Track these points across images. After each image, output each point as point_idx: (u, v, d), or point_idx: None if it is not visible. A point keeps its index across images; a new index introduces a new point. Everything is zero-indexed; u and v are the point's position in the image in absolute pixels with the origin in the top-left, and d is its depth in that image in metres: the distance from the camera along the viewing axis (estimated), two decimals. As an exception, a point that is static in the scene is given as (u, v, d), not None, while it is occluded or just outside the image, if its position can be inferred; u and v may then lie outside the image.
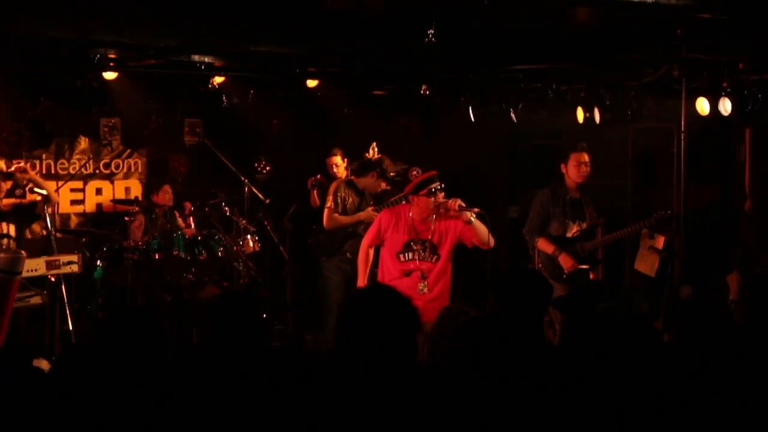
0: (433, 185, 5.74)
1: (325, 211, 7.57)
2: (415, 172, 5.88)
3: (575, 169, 6.90)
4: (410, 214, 5.83)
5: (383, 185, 7.42)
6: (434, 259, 5.77)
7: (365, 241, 6.13)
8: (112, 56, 6.86)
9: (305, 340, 8.06)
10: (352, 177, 7.64)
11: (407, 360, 2.98)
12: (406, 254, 5.78)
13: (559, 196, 6.96)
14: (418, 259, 5.74)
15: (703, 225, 7.75)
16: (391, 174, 7.38)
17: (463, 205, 5.71)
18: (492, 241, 5.76)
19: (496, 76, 7.93)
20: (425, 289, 5.72)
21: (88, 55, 6.68)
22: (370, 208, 7.36)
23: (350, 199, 7.50)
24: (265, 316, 3.47)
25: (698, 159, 7.34)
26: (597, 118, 7.71)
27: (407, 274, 5.72)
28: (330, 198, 7.58)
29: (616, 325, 3.03)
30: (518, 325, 3.00)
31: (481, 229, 5.69)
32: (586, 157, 6.93)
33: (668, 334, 3.99)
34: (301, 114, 9.71)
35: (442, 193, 5.75)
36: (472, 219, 5.68)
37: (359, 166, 7.63)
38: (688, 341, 3.18)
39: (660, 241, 7.43)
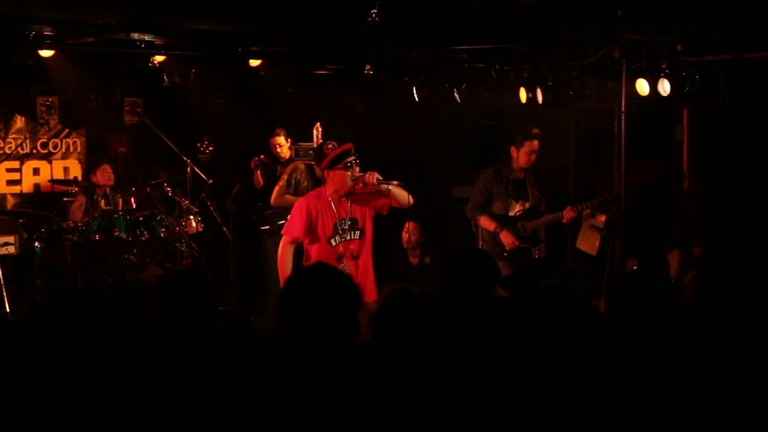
0: (349, 159, 5.47)
1: (276, 187, 7.61)
2: (330, 146, 5.61)
3: (526, 156, 6.95)
4: (327, 195, 5.57)
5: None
6: (358, 235, 5.60)
7: (289, 236, 5.58)
8: (49, 33, 6.69)
9: (249, 320, 8.02)
10: (313, 163, 7.69)
11: (350, 339, 2.98)
12: (335, 238, 5.53)
13: (503, 176, 7.02)
14: (347, 240, 5.57)
15: (643, 204, 7.89)
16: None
17: (380, 178, 5.50)
18: (411, 199, 5.53)
19: (440, 56, 7.94)
20: (357, 266, 5.58)
21: (23, 32, 6.51)
22: None
23: (305, 183, 7.56)
24: (211, 296, 3.44)
25: (638, 139, 7.46)
26: (540, 98, 7.78)
27: (339, 260, 5.49)
28: (285, 177, 7.64)
29: (560, 302, 3.07)
30: (464, 304, 3.03)
31: (400, 193, 5.50)
32: (537, 145, 6.97)
33: (607, 308, 4.05)
34: (244, 93, 9.62)
35: (358, 167, 5.49)
36: (391, 189, 5.49)
37: (318, 153, 7.66)
38: (626, 315, 3.23)
39: (601, 220, 7.54)
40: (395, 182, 5.56)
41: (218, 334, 3.41)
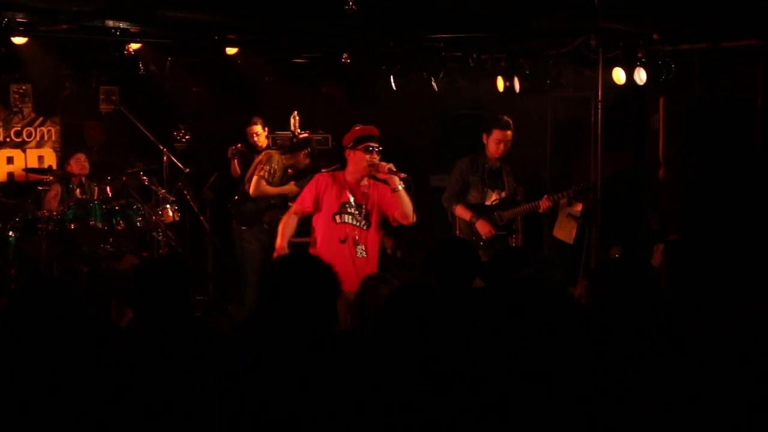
0: (371, 143, 5.60)
1: (255, 178, 7.61)
2: (357, 127, 5.79)
3: (495, 144, 6.92)
4: (345, 176, 5.70)
5: (307, 161, 7.73)
6: (366, 225, 5.66)
7: (297, 205, 5.79)
8: (22, 20, 6.61)
9: (227, 310, 8.01)
10: (280, 154, 7.77)
11: (328, 327, 2.98)
12: (342, 216, 5.61)
13: (479, 165, 7.02)
14: (353, 223, 5.64)
15: (617, 192, 7.93)
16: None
17: (394, 169, 5.61)
18: (414, 217, 5.69)
19: (418, 45, 7.93)
20: (364, 252, 5.63)
21: (-5, 18, 6.44)
22: (292, 183, 7.52)
23: (279, 173, 7.60)
24: (189, 283, 3.42)
25: (614, 127, 7.50)
26: (517, 87, 7.80)
27: (343, 241, 5.61)
28: (265, 167, 7.64)
29: (538, 291, 3.07)
30: (447, 294, 3.03)
31: (406, 201, 5.63)
32: (509, 135, 6.92)
33: (585, 297, 4.08)
34: (220, 82, 9.57)
35: (378, 155, 5.60)
36: (399, 188, 5.60)
37: (291, 145, 7.88)
38: (606, 302, 3.25)
39: (578, 209, 7.58)
40: (403, 174, 5.63)
41: (195, 322, 3.40)
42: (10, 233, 7.67)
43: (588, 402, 2.80)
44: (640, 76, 6.87)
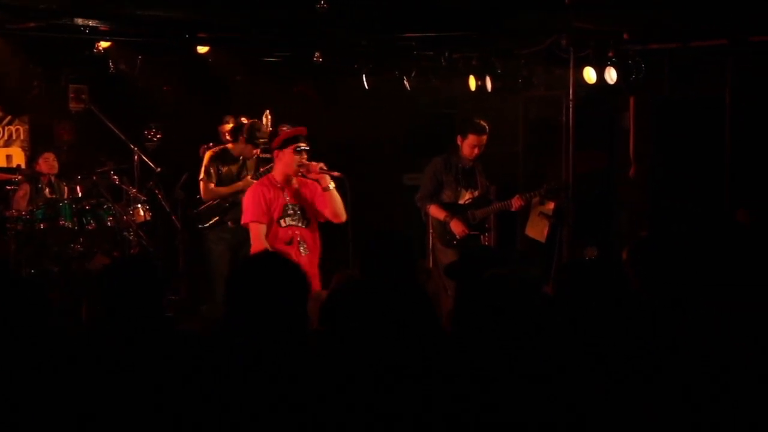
0: (300, 144, 5.55)
1: (201, 183, 7.36)
2: (285, 128, 5.74)
3: (469, 148, 6.93)
4: (276, 178, 5.65)
5: (256, 151, 7.24)
6: (305, 224, 5.66)
7: (254, 223, 5.56)
8: (-11, 18, 6.56)
9: (199, 309, 7.96)
10: (228, 145, 7.48)
11: (299, 327, 2.97)
12: (285, 219, 5.60)
13: (452, 165, 7.04)
14: (295, 224, 5.62)
15: (589, 191, 7.98)
16: (261, 140, 7.14)
17: (325, 168, 5.59)
18: (345, 216, 5.64)
19: (390, 43, 7.94)
20: (306, 250, 5.60)
21: (-38, 16, 6.37)
22: (248, 177, 7.18)
23: (224, 169, 7.31)
24: (158, 283, 3.38)
25: (586, 126, 7.55)
26: (489, 86, 7.83)
27: (289, 243, 5.57)
28: (202, 170, 7.33)
29: (506, 290, 3.08)
30: (384, 290, 3.01)
31: (337, 199, 5.60)
32: (484, 139, 6.92)
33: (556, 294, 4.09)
34: (192, 80, 9.50)
35: (306, 155, 5.57)
36: (330, 187, 5.58)
37: (231, 131, 7.44)
38: (572, 301, 3.27)
39: (550, 207, 7.63)
40: (336, 173, 5.61)
41: (167, 322, 3.38)
42: (-22, 234, 7.60)
43: (550, 398, 2.82)
44: (611, 75, 6.93)
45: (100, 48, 7.51)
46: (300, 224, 5.64)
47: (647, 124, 8.06)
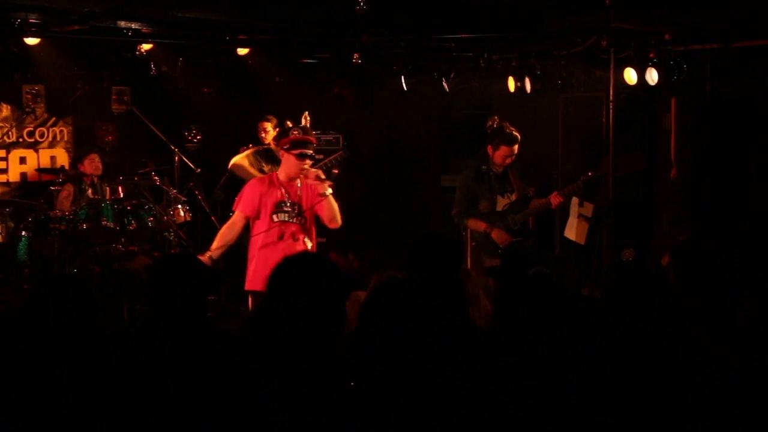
0: (306, 150, 5.79)
1: (243, 155, 7.85)
2: (296, 132, 5.88)
3: (501, 159, 6.77)
4: (279, 176, 5.88)
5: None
6: (300, 221, 5.84)
7: (240, 212, 5.86)
8: (34, 21, 6.65)
9: (239, 310, 8.01)
10: (272, 144, 7.71)
11: (337, 329, 2.97)
12: (278, 215, 5.79)
13: (482, 173, 6.87)
14: (288, 220, 5.79)
15: (630, 193, 7.91)
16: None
17: (322, 176, 5.82)
18: (340, 222, 5.88)
19: (428, 45, 7.93)
20: (308, 243, 5.83)
21: (8, 19, 6.46)
22: None
23: (267, 167, 7.65)
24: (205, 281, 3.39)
25: (626, 128, 7.47)
26: (528, 87, 7.79)
27: (281, 237, 5.76)
28: (242, 154, 7.85)
29: (550, 288, 3.07)
30: (429, 290, 3.01)
31: (333, 206, 5.84)
32: (516, 149, 6.76)
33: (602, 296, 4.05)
34: (231, 82, 9.59)
35: (309, 162, 5.81)
36: (327, 193, 5.80)
37: (276, 138, 7.65)
38: (615, 304, 3.24)
39: (589, 209, 7.56)
40: (329, 182, 5.82)
41: (208, 322, 3.40)
42: (23, 233, 7.72)
43: (588, 399, 2.80)
44: (652, 76, 6.85)
45: (142, 50, 7.59)
46: (293, 220, 5.80)
47: (689, 125, 7.95)
